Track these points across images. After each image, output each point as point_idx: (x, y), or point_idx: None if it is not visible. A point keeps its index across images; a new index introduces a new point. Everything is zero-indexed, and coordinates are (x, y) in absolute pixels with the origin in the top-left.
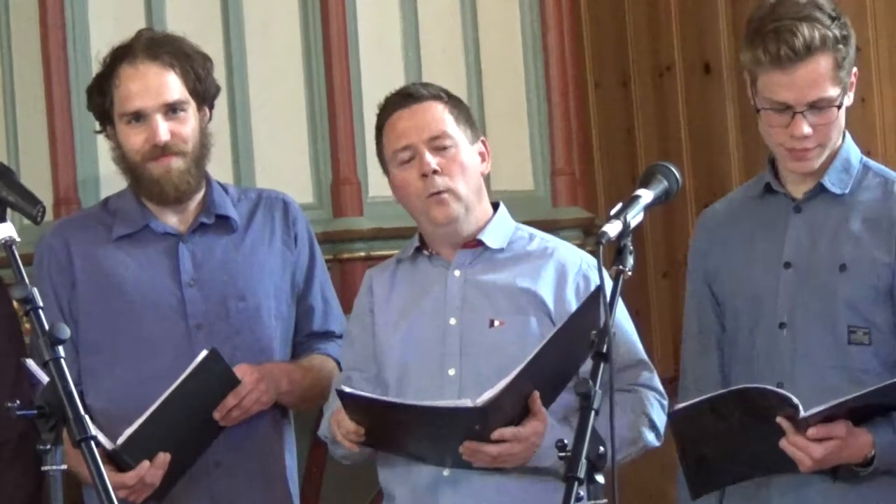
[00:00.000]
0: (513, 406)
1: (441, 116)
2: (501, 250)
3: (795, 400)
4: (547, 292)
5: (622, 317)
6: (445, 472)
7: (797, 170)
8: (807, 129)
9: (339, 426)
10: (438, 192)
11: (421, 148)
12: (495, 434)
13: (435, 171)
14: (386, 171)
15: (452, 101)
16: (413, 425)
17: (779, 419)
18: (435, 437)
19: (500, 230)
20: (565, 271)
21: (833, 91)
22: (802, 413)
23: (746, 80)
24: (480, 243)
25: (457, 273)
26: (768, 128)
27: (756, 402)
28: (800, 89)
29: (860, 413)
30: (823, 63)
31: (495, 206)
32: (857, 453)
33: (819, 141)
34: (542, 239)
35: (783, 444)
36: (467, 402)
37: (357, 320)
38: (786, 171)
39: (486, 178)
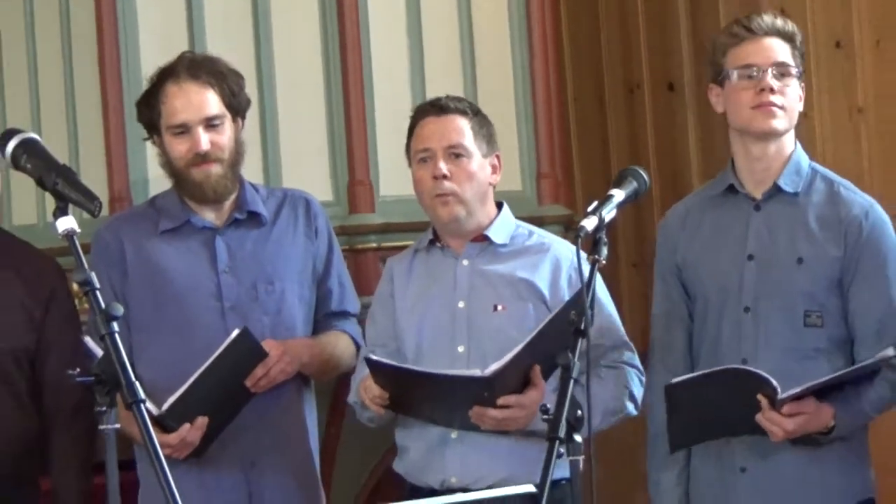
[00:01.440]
0: (516, 377)
1: (461, 129)
2: (504, 245)
3: (776, 383)
4: (543, 282)
5: (607, 305)
6: (454, 435)
7: (764, 126)
8: (774, 82)
9: (366, 391)
10: (444, 195)
11: (437, 153)
12: (501, 400)
13: (444, 176)
14: (409, 161)
15: (477, 119)
16: (430, 391)
17: (759, 396)
18: (448, 401)
19: (504, 227)
20: (560, 264)
21: (792, 62)
22: (780, 395)
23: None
24: (486, 238)
25: (465, 263)
26: (738, 95)
27: (743, 381)
28: (765, 52)
29: (823, 391)
30: (785, 44)
31: (500, 206)
32: (820, 424)
33: (783, 102)
34: (540, 235)
35: (759, 417)
36: (478, 372)
37: (380, 303)
38: (745, 169)
39: None
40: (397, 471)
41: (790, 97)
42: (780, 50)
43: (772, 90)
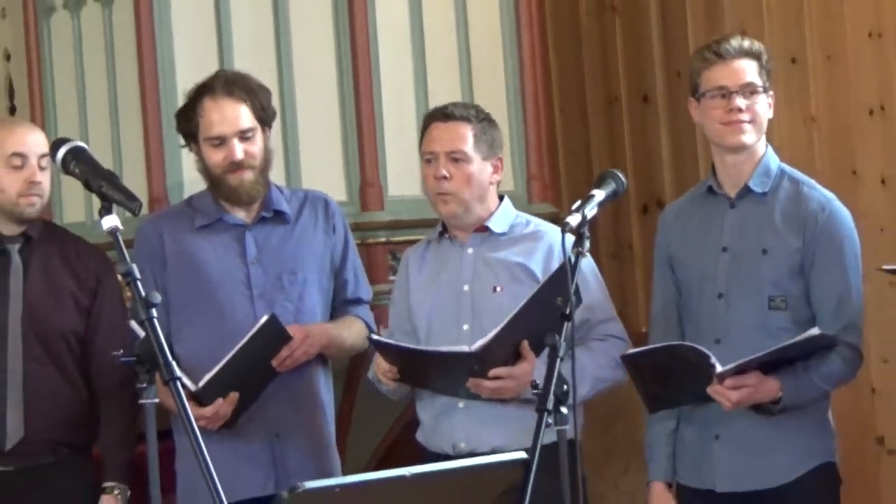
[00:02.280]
0: (505, 351)
1: (463, 136)
2: (503, 234)
3: (714, 359)
4: (537, 266)
5: (598, 285)
6: (461, 404)
7: (734, 142)
8: (741, 102)
9: (378, 366)
10: (444, 194)
11: (440, 156)
12: (491, 372)
13: (444, 177)
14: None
15: (481, 125)
16: (429, 366)
17: (713, 372)
18: (447, 375)
19: (503, 218)
20: (552, 249)
21: (759, 81)
22: (718, 369)
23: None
24: (487, 229)
25: (470, 251)
26: (711, 113)
27: (688, 356)
28: (734, 74)
29: (771, 365)
30: (751, 62)
31: (501, 198)
32: (767, 395)
33: (751, 117)
34: (536, 224)
35: (709, 389)
36: (465, 348)
37: (399, 289)
38: (721, 173)
39: None
40: (418, 438)
41: (758, 112)
42: (748, 70)
43: (740, 109)
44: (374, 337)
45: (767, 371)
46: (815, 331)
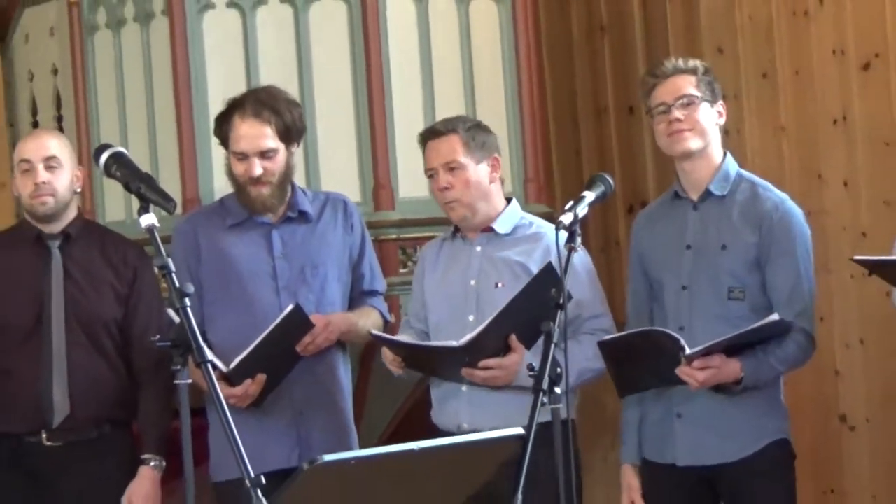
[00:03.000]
0: (495, 344)
1: (454, 147)
2: (507, 234)
3: (683, 342)
4: (534, 264)
5: (590, 282)
6: (463, 388)
7: (679, 149)
8: (678, 114)
9: (385, 354)
10: (450, 202)
11: (439, 170)
12: (481, 364)
13: (447, 188)
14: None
15: (469, 133)
16: (425, 357)
17: (681, 355)
18: (444, 365)
19: (508, 220)
20: (549, 249)
21: (696, 92)
22: (687, 352)
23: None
24: (493, 229)
25: (478, 249)
26: (658, 128)
27: (659, 339)
28: (672, 91)
29: (733, 349)
30: (688, 78)
31: (510, 200)
32: (730, 375)
33: (691, 126)
34: (538, 226)
35: (677, 370)
36: (453, 343)
37: (416, 282)
38: (683, 179)
39: None
40: (432, 417)
41: (698, 120)
42: (683, 85)
43: (679, 119)
44: (374, 332)
45: (730, 354)
46: (774, 317)
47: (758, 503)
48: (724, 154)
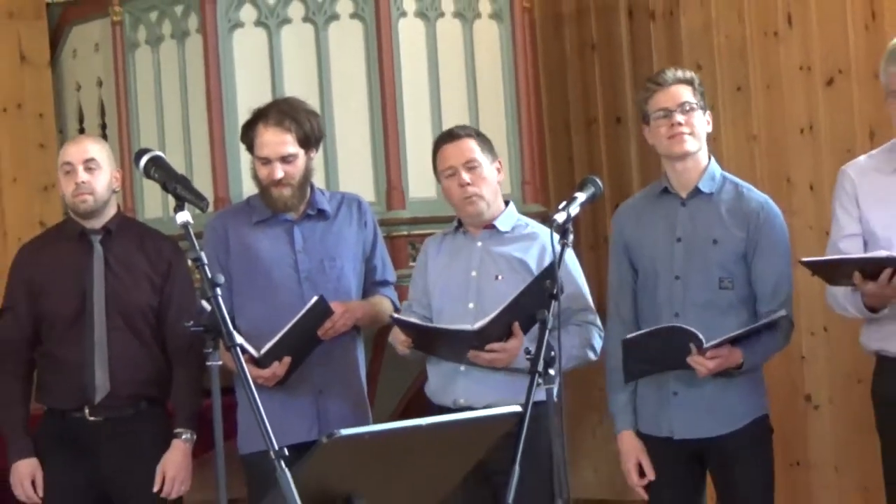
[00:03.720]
0: (500, 330)
1: (472, 148)
2: (507, 232)
3: (702, 337)
4: (532, 260)
5: (577, 279)
6: (462, 368)
7: (679, 150)
8: (680, 118)
9: (395, 336)
10: (470, 196)
11: (459, 169)
12: (487, 347)
13: (468, 184)
14: (437, 178)
15: (480, 138)
16: (437, 339)
17: (691, 345)
18: (452, 346)
19: (508, 219)
20: (544, 248)
21: (693, 99)
22: (706, 345)
23: (643, 125)
24: (494, 227)
25: (479, 244)
26: (658, 131)
27: (679, 335)
28: (673, 97)
29: (736, 339)
30: (685, 87)
31: (507, 203)
32: (734, 362)
33: (690, 130)
34: (533, 226)
35: (690, 359)
36: (468, 327)
37: (418, 271)
38: (673, 178)
39: None
40: (426, 392)
41: (696, 125)
42: (683, 93)
43: (680, 123)
44: (395, 316)
45: (733, 343)
46: (782, 312)
47: (741, 472)
48: (710, 157)
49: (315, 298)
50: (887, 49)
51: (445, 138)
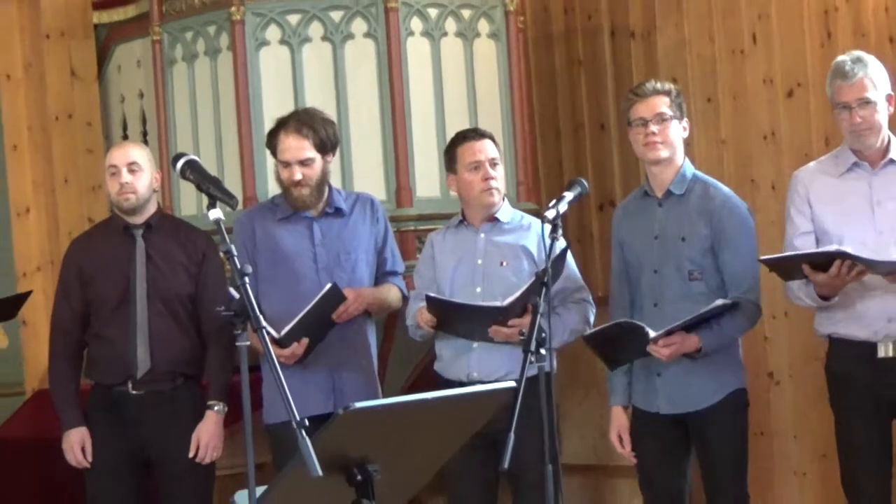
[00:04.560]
0: (519, 308)
1: (494, 147)
2: (507, 223)
3: (647, 329)
4: (532, 246)
5: (572, 264)
6: (474, 345)
7: (652, 157)
8: (654, 128)
9: (421, 316)
10: (492, 188)
11: (485, 163)
12: (510, 322)
13: (492, 177)
14: (452, 170)
15: (494, 141)
16: (465, 316)
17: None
18: (474, 322)
19: (507, 212)
20: (541, 237)
21: (669, 111)
22: (652, 335)
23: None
24: (496, 219)
25: (482, 235)
26: (636, 138)
27: (629, 328)
28: (650, 108)
29: (692, 327)
30: (663, 99)
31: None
32: (690, 347)
33: (663, 139)
34: (528, 218)
35: (648, 348)
36: (497, 303)
37: (424, 262)
38: (651, 180)
39: None
40: (435, 369)
41: (669, 134)
42: (660, 104)
43: (654, 133)
44: (430, 294)
45: (689, 330)
46: (718, 302)
47: (717, 441)
48: (683, 159)
49: (329, 285)
50: (831, 66)
51: (471, 136)
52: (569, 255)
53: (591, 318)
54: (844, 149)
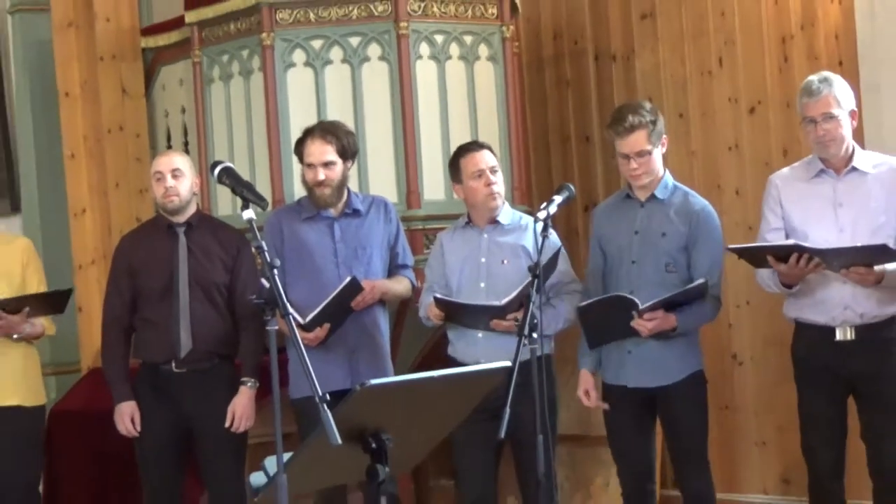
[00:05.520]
0: (516, 304)
1: (492, 156)
2: (507, 225)
3: (637, 301)
4: (529, 245)
5: (567, 260)
6: (480, 335)
7: (635, 184)
8: (635, 164)
9: (431, 311)
10: (495, 194)
11: (486, 171)
12: (509, 316)
13: (494, 183)
14: (458, 180)
15: (492, 151)
16: (468, 312)
17: (633, 314)
18: (479, 316)
19: (507, 215)
20: (535, 236)
21: (647, 146)
22: (640, 307)
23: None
24: (497, 221)
25: (485, 235)
26: (622, 169)
27: (620, 301)
28: (631, 146)
29: (669, 307)
30: (641, 134)
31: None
32: (668, 325)
33: (644, 170)
34: (526, 219)
35: (633, 323)
36: (496, 303)
37: (436, 259)
38: (634, 188)
39: None
40: (450, 353)
41: (650, 163)
42: (640, 141)
43: (635, 168)
44: (438, 295)
45: (668, 310)
46: (700, 280)
47: (681, 413)
48: (664, 171)
49: (348, 278)
50: (802, 85)
51: (474, 147)
52: (562, 252)
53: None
54: (814, 158)
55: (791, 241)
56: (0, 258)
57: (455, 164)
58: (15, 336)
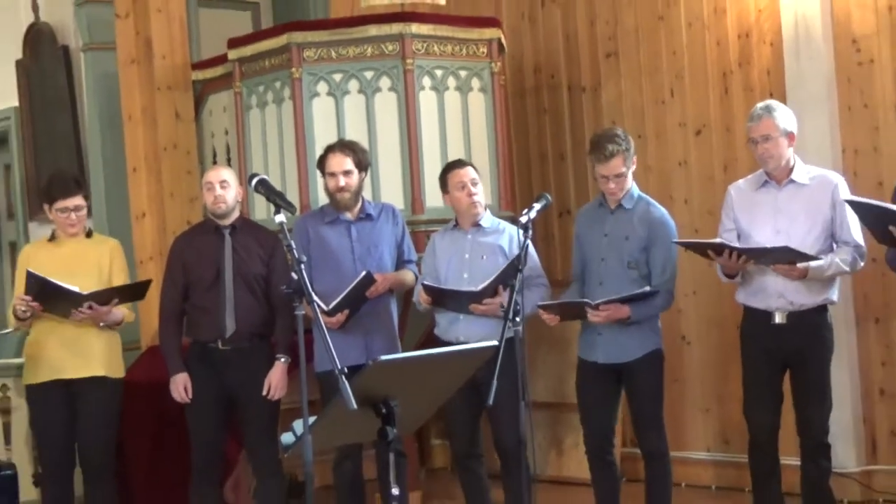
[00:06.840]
0: (491, 291)
1: (473, 171)
2: (487, 228)
3: (590, 301)
4: (505, 245)
5: (536, 258)
6: (461, 317)
7: (612, 200)
8: (612, 185)
9: (421, 297)
10: (476, 203)
11: (468, 184)
12: (484, 301)
13: (475, 194)
14: (445, 191)
15: (473, 167)
16: (451, 297)
17: (587, 308)
18: (459, 301)
19: (488, 219)
20: (512, 238)
21: (623, 169)
22: (592, 303)
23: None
24: (479, 225)
25: (469, 236)
26: (601, 187)
27: (576, 301)
28: (609, 169)
29: (626, 301)
30: (619, 160)
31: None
32: (621, 316)
33: (620, 188)
34: (504, 224)
35: (588, 315)
36: (474, 289)
37: (429, 255)
38: (607, 197)
39: None
40: (435, 333)
41: (624, 182)
42: (618, 165)
43: (612, 187)
44: (426, 282)
45: (623, 303)
46: (647, 288)
47: (641, 384)
48: (632, 183)
49: (363, 272)
50: (750, 113)
51: (458, 165)
52: (531, 249)
53: (547, 296)
54: (762, 171)
55: (718, 240)
56: (93, 255)
57: (443, 178)
58: (101, 324)
